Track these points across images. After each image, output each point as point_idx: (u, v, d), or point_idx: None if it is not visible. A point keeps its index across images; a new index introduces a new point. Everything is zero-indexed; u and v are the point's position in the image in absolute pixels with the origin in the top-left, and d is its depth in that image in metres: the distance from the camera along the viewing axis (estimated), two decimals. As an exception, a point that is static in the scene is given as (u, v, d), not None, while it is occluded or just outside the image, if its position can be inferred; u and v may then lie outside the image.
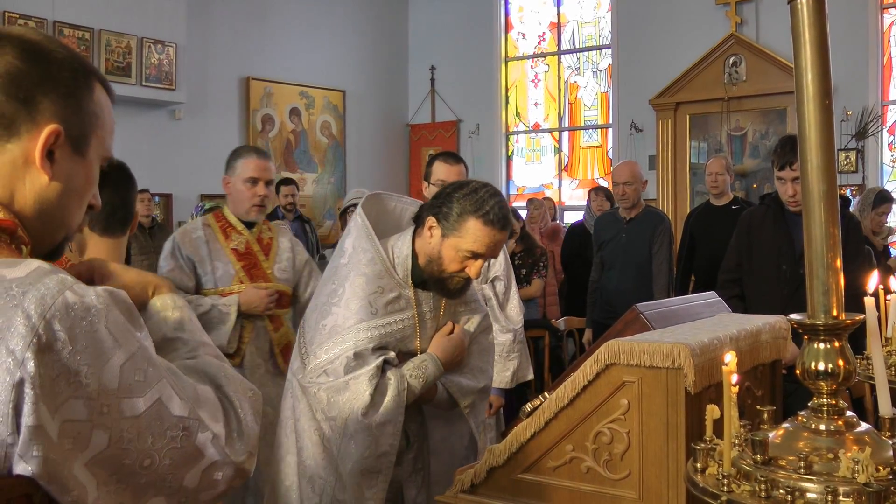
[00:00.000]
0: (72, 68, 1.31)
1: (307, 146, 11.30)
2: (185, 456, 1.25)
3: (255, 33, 10.69)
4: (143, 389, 1.19)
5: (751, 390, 2.47)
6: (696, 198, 9.82)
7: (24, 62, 1.26)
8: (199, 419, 1.27)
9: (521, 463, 2.36)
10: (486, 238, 2.63)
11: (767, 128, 9.71)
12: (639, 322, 2.41)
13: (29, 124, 1.26)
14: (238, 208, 4.06)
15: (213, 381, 1.37)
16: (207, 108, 10.18)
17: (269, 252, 4.11)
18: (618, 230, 6.23)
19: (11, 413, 1.09)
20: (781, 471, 1.51)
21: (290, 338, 4.06)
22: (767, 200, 4.43)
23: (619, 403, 2.19)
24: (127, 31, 9.00)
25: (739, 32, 9.73)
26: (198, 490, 1.28)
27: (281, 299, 4.08)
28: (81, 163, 1.34)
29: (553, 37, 11.87)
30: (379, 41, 12.24)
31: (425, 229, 2.71)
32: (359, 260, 2.72)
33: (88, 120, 1.33)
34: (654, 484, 2.15)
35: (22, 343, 1.09)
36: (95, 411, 1.14)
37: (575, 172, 11.68)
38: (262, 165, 4.04)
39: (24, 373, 1.09)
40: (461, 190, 2.68)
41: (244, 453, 1.33)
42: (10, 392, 1.09)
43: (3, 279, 1.14)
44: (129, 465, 1.18)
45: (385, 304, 2.70)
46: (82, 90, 1.32)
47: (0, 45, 1.26)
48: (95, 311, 1.17)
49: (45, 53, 1.28)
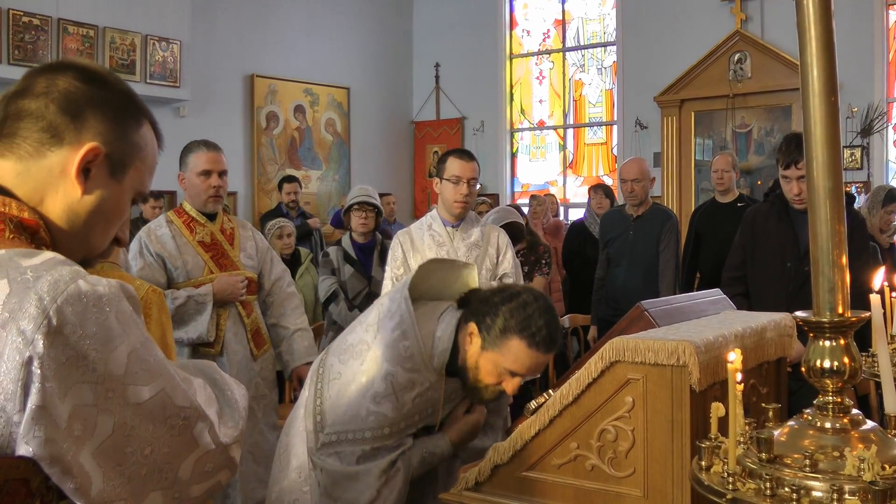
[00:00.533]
0: (126, 98, 1.40)
1: (312, 143, 11.30)
2: (182, 445, 1.28)
3: (260, 30, 10.69)
4: (148, 378, 1.23)
5: (756, 388, 2.46)
6: (701, 195, 9.81)
7: (81, 82, 1.34)
8: (198, 409, 1.31)
9: (526, 461, 2.36)
10: (528, 360, 2.48)
11: (772, 125, 9.69)
12: (643, 319, 2.41)
13: (73, 136, 1.33)
14: (196, 201, 4.20)
15: (206, 376, 1.42)
16: (212, 106, 10.18)
17: (233, 241, 4.28)
18: (625, 227, 6.21)
19: (20, 392, 1.11)
20: (787, 469, 1.50)
21: (258, 323, 4.32)
22: (772, 198, 4.42)
23: (624, 401, 2.18)
24: (131, 28, 9.00)
25: (744, 29, 9.71)
26: (190, 482, 1.30)
27: (250, 285, 4.27)
28: (115, 188, 1.39)
29: (558, 34, 11.86)
30: (383, 38, 12.23)
31: (465, 333, 2.55)
32: (396, 350, 2.52)
33: (130, 149, 1.40)
34: (659, 482, 2.14)
35: (32, 324, 1.12)
36: (101, 396, 1.16)
37: (579, 170, 11.67)
38: (214, 157, 4.17)
39: (32, 352, 1.11)
40: (510, 302, 2.50)
41: (231, 437, 1.37)
42: (20, 371, 1.11)
43: (20, 266, 1.18)
44: (132, 454, 1.20)
45: (413, 398, 2.53)
46: (130, 120, 1.39)
47: (64, 69, 1.36)
48: (106, 299, 1.19)
49: (103, 79, 1.37)
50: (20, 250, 1.22)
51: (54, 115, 1.31)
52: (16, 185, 1.31)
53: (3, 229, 1.25)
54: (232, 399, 1.42)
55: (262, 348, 4.28)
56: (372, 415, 2.49)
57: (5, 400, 1.11)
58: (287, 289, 4.48)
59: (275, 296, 4.43)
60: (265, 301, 4.44)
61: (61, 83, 1.33)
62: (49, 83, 1.33)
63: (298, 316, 4.48)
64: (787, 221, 4.13)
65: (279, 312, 4.43)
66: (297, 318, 4.46)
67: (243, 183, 10.47)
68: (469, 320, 2.54)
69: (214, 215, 4.24)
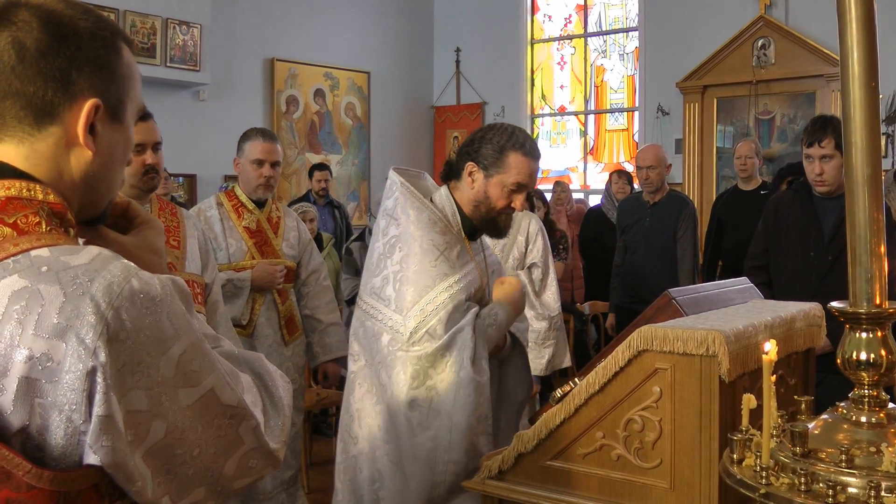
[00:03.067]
0: (100, 37, 1.29)
1: (332, 128, 11.27)
2: (228, 444, 1.26)
3: (280, 14, 10.66)
4: (197, 379, 1.20)
5: (784, 379, 2.42)
6: (723, 182, 9.72)
7: (51, 37, 1.24)
8: (244, 407, 1.27)
9: (551, 449, 2.33)
10: (526, 168, 2.80)
11: (796, 112, 9.58)
12: (671, 308, 2.37)
13: (67, 103, 1.25)
14: (247, 187, 4.35)
15: (253, 370, 1.37)
16: (232, 90, 10.16)
17: (277, 230, 4.41)
18: (641, 214, 6.18)
19: (85, 401, 1.09)
20: (821, 464, 1.47)
21: (293, 311, 4.43)
22: (795, 185, 4.37)
23: (652, 391, 2.15)
24: (152, 12, 8.99)
25: (768, 14, 9.60)
26: (233, 478, 1.29)
27: (288, 274, 4.39)
28: (120, 129, 1.33)
29: (580, 19, 11.77)
30: (404, 23, 12.18)
31: (465, 176, 2.85)
32: (420, 222, 2.78)
33: (122, 85, 1.32)
34: (687, 473, 2.11)
35: (92, 332, 1.09)
36: (155, 401, 1.15)
37: (600, 156, 11.60)
38: (268, 148, 4.31)
39: (96, 362, 1.09)
40: (491, 132, 2.84)
41: (278, 441, 1.34)
42: (84, 381, 1.08)
43: (68, 266, 1.13)
44: (181, 455, 1.19)
45: (456, 257, 2.78)
46: (112, 57, 1.30)
47: (20, 16, 1.24)
48: (159, 300, 1.16)
49: (70, 27, 1.26)
50: (63, 248, 1.16)
51: (42, 88, 1.23)
52: (30, 169, 1.24)
53: (38, 222, 1.19)
54: (277, 397, 1.38)
55: (294, 335, 4.40)
56: (436, 273, 2.71)
57: (71, 410, 1.09)
58: (323, 282, 4.59)
59: (310, 287, 4.55)
60: (300, 291, 4.55)
61: (30, 44, 1.22)
62: (17, 50, 1.22)
63: (332, 311, 4.61)
64: (811, 210, 4.06)
65: (314, 304, 4.54)
66: (331, 312, 4.59)
67: (263, 167, 10.48)
68: (465, 163, 2.84)
69: (264, 202, 4.38)
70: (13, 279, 1.11)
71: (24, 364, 1.08)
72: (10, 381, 1.08)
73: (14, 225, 1.17)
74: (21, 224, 1.17)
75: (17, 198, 1.20)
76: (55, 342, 1.08)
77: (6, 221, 1.17)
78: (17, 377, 1.08)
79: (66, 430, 1.09)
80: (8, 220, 1.17)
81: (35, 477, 1.08)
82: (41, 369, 1.08)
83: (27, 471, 1.07)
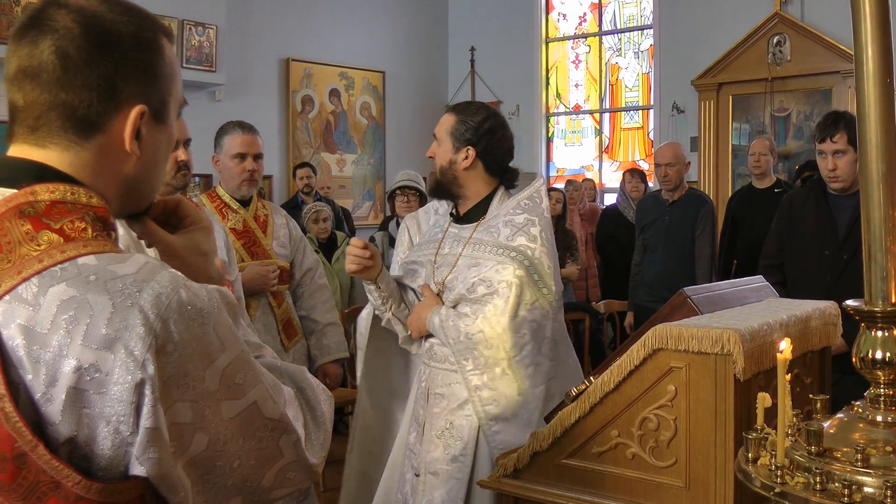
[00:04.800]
0: (143, 40, 1.26)
1: (347, 127, 11.29)
2: (268, 456, 1.25)
3: (295, 14, 10.68)
4: (241, 392, 1.20)
5: (800, 377, 2.42)
6: (738, 180, 9.68)
7: (94, 45, 1.21)
8: (286, 421, 1.27)
9: (566, 448, 2.34)
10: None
11: (812, 109, 9.53)
12: (686, 306, 2.37)
13: (113, 112, 1.23)
14: (229, 185, 4.12)
15: (295, 383, 1.36)
16: (248, 90, 10.18)
17: (266, 229, 4.17)
18: (660, 213, 6.15)
19: (132, 413, 1.09)
20: (837, 463, 1.46)
21: (290, 314, 4.19)
22: (809, 183, 4.33)
23: (667, 389, 2.15)
24: (168, 13, 9.01)
25: (784, 11, 9.55)
26: (271, 489, 1.28)
27: (282, 275, 4.15)
28: (163, 129, 1.32)
29: (594, 17, 11.75)
30: (419, 22, 12.18)
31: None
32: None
33: (165, 84, 1.30)
34: (702, 472, 2.11)
35: (141, 344, 1.09)
36: (199, 414, 1.15)
37: (616, 154, 11.57)
38: (249, 140, 4.09)
39: (144, 374, 1.09)
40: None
41: (318, 457, 1.34)
42: (132, 393, 1.09)
43: (116, 275, 1.12)
44: (221, 467, 1.20)
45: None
46: (156, 59, 1.29)
47: (61, 22, 1.21)
48: (206, 312, 1.16)
49: (112, 32, 1.23)
50: (110, 256, 1.16)
51: (87, 100, 1.21)
52: (74, 173, 1.22)
53: (84, 228, 1.18)
54: (319, 412, 1.37)
55: (293, 339, 4.20)
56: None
57: (118, 422, 1.09)
58: (318, 280, 4.38)
59: (305, 287, 4.34)
60: (295, 291, 4.35)
61: (73, 53, 1.19)
62: (61, 59, 1.20)
63: (329, 310, 4.39)
64: (825, 208, 4.03)
65: (309, 305, 4.33)
66: (328, 312, 4.38)
67: (278, 167, 10.48)
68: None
69: (248, 201, 4.15)
70: (61, 288, 1.10)
71: (72, 374, 1.08)
72: (58, 391, 1.08)
73: (61, 231, 1.16)
74: (68, 230, 1.16)
75: (61, 201, 1.18)
76: (103, 353, 1.08)
77: (53, 227, 1.16)
78: (65, 387, 1.08)
79: (112, 441, 1.10)
80: (54, 225, 1.16)
81: (84, 488, 1.08)
82: (89, 380, 1.08)
83: (77, 482, 1.08)
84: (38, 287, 1.10)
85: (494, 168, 3.07)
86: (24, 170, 1.20)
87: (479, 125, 3.01)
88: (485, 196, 3.08)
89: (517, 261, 2.86)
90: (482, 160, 3.03)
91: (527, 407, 2.83)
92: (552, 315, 2.89)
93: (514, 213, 2.97)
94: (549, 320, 2.87)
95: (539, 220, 2.94)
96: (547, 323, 2.87)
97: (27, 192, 1.17)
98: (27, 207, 1.16)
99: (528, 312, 2.83)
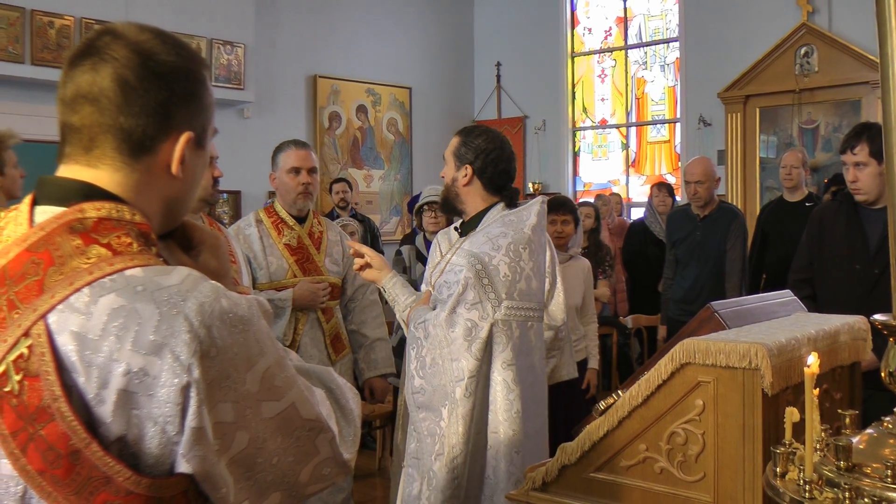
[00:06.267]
0: (192, 72, 1.36)
1: (374, 143, 11.35)
2: (305, 453, 1.34)
3: (322, 32, 10.77)
4: (280, 393, 1.28)
5: (829, 393, 2.41)
6: (766, 193, 9.62)
7: (152, 74, 1.31)
8: (322, 420, 1.35)
9: (594, 461, 2.34)
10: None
11: (841, 120, 9.47)
12: (713, 321, 2.37)
13: (164, 136, 1.33)
14: (286, 200, 4.25)
15: (324, 384, 1.46)
16: (275, 107, 10.28)
17: (319, 246, 4.29)
18: (692, 228, 6.13)
19: (179, 414, 1.17)
20: (866, 479, 1.46)
21: (338, 328, 4.31)
22: (840, 196, 4.31)
23: (694, 404, 2.15)
24: (197, 33, 9.12)
25: (811, 21, 9.50)
26: (307, 484, 1.37)
27: (333, 291, 4.27)
28: (202, 154, 1.42)
29: (620, 31, 11.75)
30: (445, 38, 12.24)
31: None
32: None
33: (207, 113, 1.40)
34: (730, 487, 2.11)
35: (187, 349, 1.17)
36: (240, 414, 1.23)
37: (642, 168, 11.55)
38: (303, 155, 4.24)
39: (190, 377, 1.17)
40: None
41: (351, 452, 1.44)
42: (179, 395, 1.16)
43: (161, 286, 1.20)
44: (261, 464, 1.28)
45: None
46: (201, 90, 1.39)
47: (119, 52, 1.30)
48: (247, 319, 1.24)
49: (167, 64, 1.33)
50: (155, 268, 1.24)
51: (143, 125, 1.31)
52: (121, 193, 1.32)
53: (129, 242, 1.26)
54: (348, 409, 1.46)
55: (341, 353, 4.30)
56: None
57: (165, 422, 1.17)
58: (370, 296, 4.48)
59: (357, 302, 4.45)
60: (347, 306, 4.45)
61: (133, 81, 1.29)
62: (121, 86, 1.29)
63: (379, 326, 4.50)
64: (856, 221, 4.00)
65: (360, 319, 4.44)
66: (378, 327, 4.49)
67: (306, 183, 10.56)
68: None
69: (304, 218, 4.29)
70: (111, 298, 1.18)
71: (121, 377, 1.16)
72: (109, 393, 1.16)
73: (108, 245, 1.24)
74: (115, 244, 1.24)
75: (107, 218, 1.27)
76: (151, 358, 1.16)
77: (101, 242, 1.24)
78: (115, 389, 1.16)
79: (160, 440, 1.17)
80: (102, 240, 1.25)
81: (134, 483, 1.16)
82: (138, 383, 1.16)
83: (127, 477, 1.16)
84: (90, 297, 1.18)
85: (491, 186, 3.28)
86: (73, 189, 1.30)
87: (477, 145, 3.27)
88: (480, 211, 3.29)
89: (471, 263, 3.02)
90: (479, 177, 3.27)
91: (448, 398, 2.98)
92: (493, 318, 3.01)
93: (494, 227, 3.15)
94: (486, 322, 2.99)
95: (514, 234, 3.10)
96: (483, 324, 2.99)
97: (76, 209, 1.26)
98: (76, 224, 1.25)
99: (465, 311, 2.99)
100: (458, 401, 2.95)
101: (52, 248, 1.23)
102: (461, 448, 2.95)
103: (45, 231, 1.24)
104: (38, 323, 1.17)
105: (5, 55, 7.83)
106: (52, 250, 1.22)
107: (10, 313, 1.19)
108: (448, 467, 2.94)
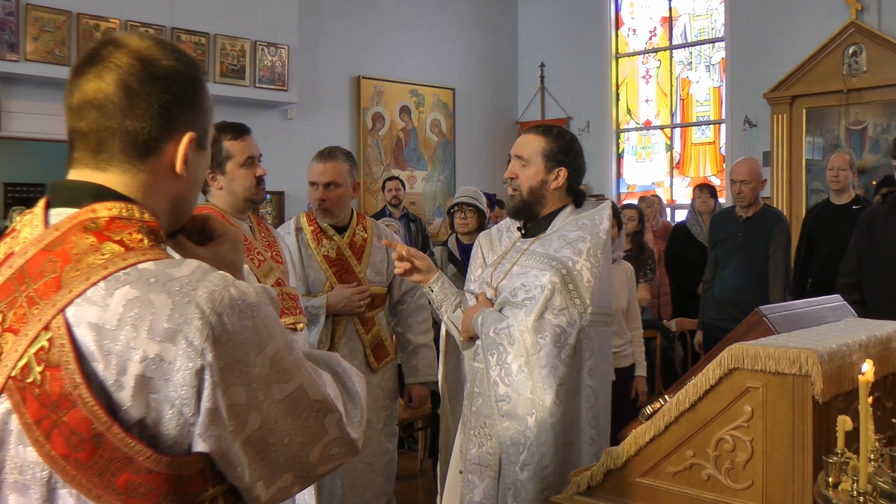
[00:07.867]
0: (191, 76, 1.44)
1: (417, 144, 11.38)
2: (314, 434, 1.39)
3: (366, 33, 10.81)
4: (289, 376, 1.34)
5: (880, 401, 2.36)
6: (812, 196, 9.49)
7: (154, 79, 1.38)
8: (329, 401, 1.41)
9: (640, 467, 2.32)
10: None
11: (889, 121, 9.30)
12: (762, 325, 2.34)
13: (168, 137, 1.40)
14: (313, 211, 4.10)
15: (330, 368, 1.53)
16: (319, 108, 10.34)
17: (361, 255, 4.11)
18: (734, 229, 6.05)
19: (194, 396, 1.23)
20: (922, 488, 1.43)
21: (381, 337, 4.16)
22: (890, 199, 4.24)
23: (743, 410, 2.12)
24: (241, 35, 9.21)
25: (860, 20, 9.35)
26: (317, 464, 1.42)
27: (373, 301, 4.11)
28: (203, 155, 1.49)
29: (664, 31, 11.67)
30: (488, 39, 12.24)
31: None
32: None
33: (207, 115, 1.48)
34: (779, 496, 2.07)
35: (199, 335, 1.23)
36: (252, 396, 1.29)
37: (686, 170, 11.46)
38: (318, 169, 4.01)
39: (204, 361, 1.23)
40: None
41: (358, 432, 1.49)
42: (193, 378, 1.23)
43: (173, 277, 1.27)
44: (273, 444, 1.33)
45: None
46: (201, 93, 1.47)
47: (122, 59, 1.37)
48: (255, 306, 1.31)
49: (167, 69, 1.40)
50: (166, 261, 1.30)
51: (148, 128, 1.37)
52: (130, 193, 1.39)
53: (140, 238, 1.33)
54: (354, 391, 1.53)
55: (383, 360, 4.16)
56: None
57: (182, 404, 1.23)
58: (418, 301, 4.36)
59: (405, 304, 4.36)
60: (395, 308, 4.38)
61: (136, 86, 1.36)
62: (126, 91, 1.36)
63: (424, 332, 4.41)
64: (907, 224, 3.95)
65: (406, 323, 4.37)
66: (422, 333, 4.40)
67: (349, 184, 10.61)
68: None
69: (345, 226, 4.11)
70: (126, 290, 1.25)
71: (139, 364, 1.22)
72: (127, 379, 1.22)
73: (121, 242, 1.31)
74: (127, 241, 1.32)
75: (118, 217, 1.34)
76: (166, 344, 1.23)
77: (114, 239, 1.31)
78: (133, 375, 1.22)
79: (177, 421, 1.24)
80: (115, 237, 1.32)
81: (154, 462, 1.22)
82: (155, 368, 1.23)
83: (147, 456, 1.22)
84: (105, 290, 1.25)
85: (573, 188, 3.20)
86: (84, 191, 1.37)
87: (570, 147, 3.16)
88: (551, 212, 3.21)
89: (555, 268, 2.98)
90: (569, 181, 3.17)
91: (536, 406, 2.92)
92: (580, 325, 2.97)
93: (569, 230, 3.10)
94: (574, 328, 2.96)
95: (591, 238, 3.05)
96: (572, 330, 2.96)
97: (88, 210, 1.34)
98: (90, 223, 1.32)
99: (553, 316, 2.95)
100: (549, 409, 2.90)
101: (67, 246, 1.30)
102: (551, 458, 2.91)
103: (60, 231, 1.32)
104: (57, 317, 1.24)
105: (52, 58, 7.96)
106: (67, 248, 1.30)
107: (31, 309, 1.26)
108: (538, 477, 2.90)
